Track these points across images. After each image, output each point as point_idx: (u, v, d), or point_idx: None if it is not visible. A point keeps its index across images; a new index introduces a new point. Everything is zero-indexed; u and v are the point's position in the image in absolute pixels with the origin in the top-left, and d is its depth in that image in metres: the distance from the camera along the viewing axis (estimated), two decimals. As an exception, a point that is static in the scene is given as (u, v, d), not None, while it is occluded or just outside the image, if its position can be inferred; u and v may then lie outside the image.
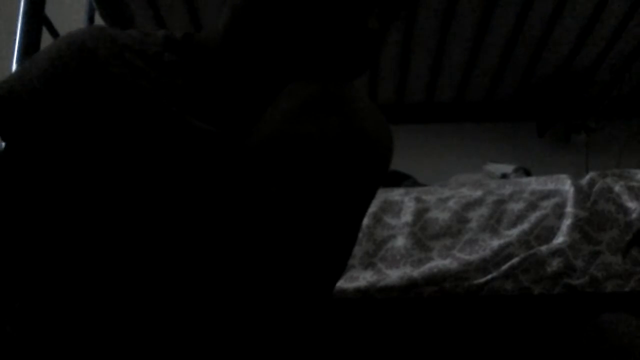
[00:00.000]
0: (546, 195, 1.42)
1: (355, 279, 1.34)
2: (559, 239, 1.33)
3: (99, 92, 0.61)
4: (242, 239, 0.58)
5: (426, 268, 1.33)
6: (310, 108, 0.57)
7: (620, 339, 1.17)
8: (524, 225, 1.37)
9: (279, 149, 0.56)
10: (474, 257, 1.33)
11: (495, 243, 1.34)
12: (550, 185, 1.44)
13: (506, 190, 1.45)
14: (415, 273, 1.33)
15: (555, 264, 1.30)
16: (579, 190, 1.40)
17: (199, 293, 0.60)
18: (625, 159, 3.36)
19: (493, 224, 1.38)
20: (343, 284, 1.32)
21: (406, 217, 1.41)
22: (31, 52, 1.28)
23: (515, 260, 1.31)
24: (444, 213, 1.42)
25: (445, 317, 1.35)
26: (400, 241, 1.38)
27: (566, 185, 1.42)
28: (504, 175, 2.41)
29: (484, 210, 1.41)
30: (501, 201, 1.42)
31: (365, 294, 1.32)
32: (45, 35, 1.35)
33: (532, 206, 1.40)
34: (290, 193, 0.56)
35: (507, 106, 3.70)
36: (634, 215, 1.33)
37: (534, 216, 1.38)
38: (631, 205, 1.35)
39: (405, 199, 1.46)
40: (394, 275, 1.33)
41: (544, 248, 1.32)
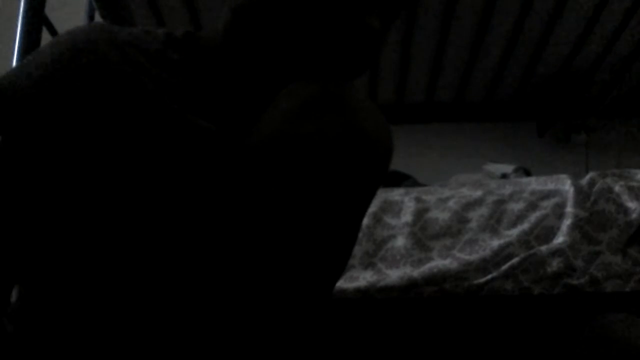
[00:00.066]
0: (546, 195, 1.42)
1: (355, 279, 1.34)
2: (559, 239, 1.33)
3: (100, 88, 0.60)
4: (242, 239, 0.58)
5: (426, 268, 1.33)
6: (310, 108, 0.57)
7: (621, 339, 1.17)
8: (524, 225, 1.37)
9: (279, 148, 0.56)
10: (474, 257, 1.33)
11: (495, 243, 1.34)
12: (550, 185, 1.44)
13: (506, 190, 1.45)
14: (415, 273, 1.33)
15: (555, 264, 1.30)
16: (579, 190, 1.39)
17: (198, 292, 0.60)
18: (625, 159, 3.36)
19: (493, 224, 1.38)
20: (343, 284, 1.32)
21: (406, 217, 1.41)
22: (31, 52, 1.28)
23: (515, 260, 1.31)
24: (444, 213, 1.42)
25: (445, 317, 1.35)
26: (400, 241, 1.38)
27: (566, 185, 1.42)
28: (504, 175, 2.41)
29: (484, 210, 1.41)
30: (501, 201, 1.42)
31: (365, 294, 1.32)
32: (45, 35, 1.35)
33: (532, 206, 1.40)
34: (290, 193, 0.56)
35: (507, 106, 3.70)
36: (634, 215, 1.33)
37: (534, 216, 1.38)
38: (631, 205, 1.35)
39: (405, 199, 1.46)
40: (394, 275, 1.33)
41: (544, 248, 1.32)
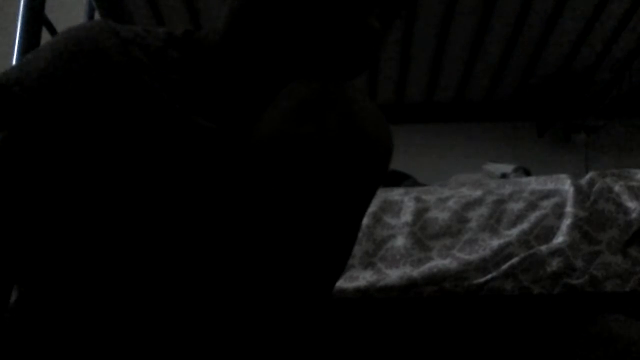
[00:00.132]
0: (546, 195, 1.41)
1: (355, 279, 1.34)
2: (559, 239, 1.33)
3: (103, 85, 0.60)
4: (242, 238, 0.58)
5: (426, 268, 1.33)
6: (310, 108, 0.57)
7: (621, 340, 1.17)
8: (524, 225, 1.37)
9: (279, 148, 0.56)
10: (474, 257, 1.33)
11: (495, 243, 1.34)
12: (550, 185, 1.44)
13: (506, 190, 1.45)
14: (415, 273, 1.32)
15: (555, 264, 1.30)
16: (579, 190, 1.39)
17: (199, 292, 0.60)
18: (625, 159, 3.36)
19: (493, 224, 1.38)
20: (343, 284, 1.32)
21: (406, 217, 1.41)
22: (31, 52, 1.28)
23: (515, 260, 1.31)
24: (444, 213, 1.42)
25: (445, 317, 1.35)
26: (400, 241, 1.38)
27: (566, 185, 1.42)
28: (504, 175, 2.41)
29: (484, 210, 1.41)
30: (501, 201, 1.42)
31: (365, 294, 1.32)
32: (45, 35, 1.35)
33: (532, 206, 1.40)
34: (290, 193, 0.56)
35: (507, 106, 3.70)
36: (634, 215, 1.33)
37: (534, 216, 1.38)
38: (631, 205, 1.35)
39: (405, 199, 1.46)
40: (394, 275, 1.33)
41: (544, 248, 1.32)
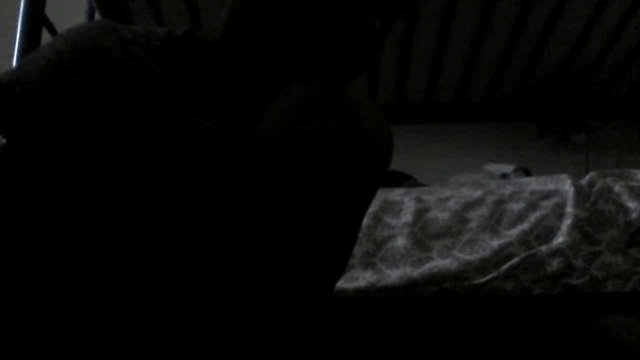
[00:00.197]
0: (546, 195, 1.41)
1: (355, 279, 1.34)
2: (559, 239, 1.33)
3: (105, 84, 0.60)
4: (242, 238, 0.58)
5: (426, 268, 1.33)
6: (310, 107, 0.57)
7: (621, 340, 1.17)
8: (524, 225, 1.37)
9: (279, 148, 0.56)
10: (474, 257, 1.33)
11: (495, 243, 1.34)
12: (550, 185, 1.44)
13: (506, 190, 1.45)
14: (415, 273, 1.32)
15: (555, 264, 1.30)
16: (579, 190, 1.39)
17: (198, 292, 0.60)
18: (625, 159, 3.36)
19: (493, 224, 1.38)
20: (343, 284, 1.32)
21: (406, 217, 1.41)
22: (31, 52, 1.28)
23: (515, 260, 1.31)
24: (444, 213, 1.42)
25: (445, 317, 1.35)
26: (400, 241, 1.38)
27: (566, 185, 1.42)
28: (504, 175, 2.41)
29: (484, 210, 1.41)
30: (501, 201, 1.42)
31: (365, 294, 1.32)
32: (45, 35, 1.35)
33: (532, 206, 1.40)
34: (290, 192, 0.56)
35: (507, 106, 3.70)
36: (634, 215, 1.33)
37: (534, 216, 1.38)
38: (631, 205, 1.35)
39: (405, 199, 1.46)
40: (394, 275, 1.33)
41: (544, 248, 1.32)
